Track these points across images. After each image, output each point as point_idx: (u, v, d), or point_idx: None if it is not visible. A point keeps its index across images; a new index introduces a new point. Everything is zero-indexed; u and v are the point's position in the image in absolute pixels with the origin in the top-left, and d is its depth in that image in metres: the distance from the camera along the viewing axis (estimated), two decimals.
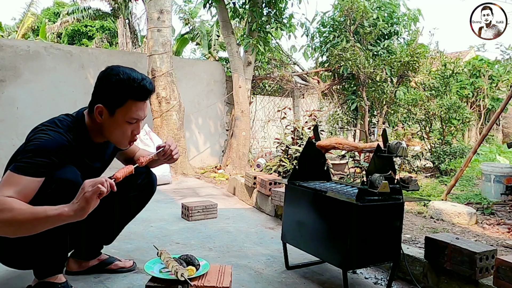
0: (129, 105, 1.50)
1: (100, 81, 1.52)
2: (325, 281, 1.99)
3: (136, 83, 1.49)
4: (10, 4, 55.33)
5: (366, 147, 1.88)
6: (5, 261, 1.58)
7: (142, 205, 1.93)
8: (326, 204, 1.84)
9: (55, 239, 1.50)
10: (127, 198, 1.82)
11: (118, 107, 1.50)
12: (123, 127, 1.53)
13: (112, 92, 1.49)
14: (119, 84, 1.48)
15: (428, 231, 2.87)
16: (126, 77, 1.48)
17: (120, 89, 1.48)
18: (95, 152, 1.65)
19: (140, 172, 1.82)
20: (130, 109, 1.51)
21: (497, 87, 9.78)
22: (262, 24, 6.20)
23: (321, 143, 2.09)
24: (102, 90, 1.51)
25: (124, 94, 1.49)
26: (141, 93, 1.51)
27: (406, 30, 7.47)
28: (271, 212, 3.34)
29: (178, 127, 5.56)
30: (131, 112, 1.51)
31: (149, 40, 5.54)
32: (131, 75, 1.50)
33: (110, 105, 1.50)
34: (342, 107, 7.47)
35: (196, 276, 1.54)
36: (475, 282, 1.70)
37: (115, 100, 1.49)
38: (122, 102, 1.49)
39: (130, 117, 1.52)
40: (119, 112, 1.50)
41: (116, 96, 1.49)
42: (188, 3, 14.00)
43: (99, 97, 1.51)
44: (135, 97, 1.50)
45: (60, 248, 1.55)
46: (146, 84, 1.52)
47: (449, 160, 5.66)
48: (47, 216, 1.27)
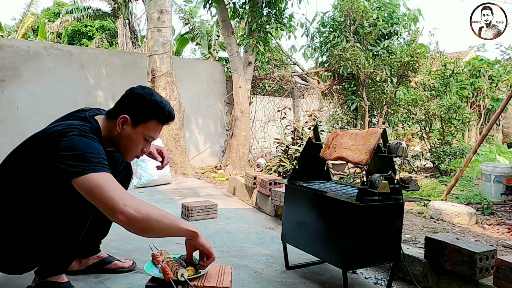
0: (152, 124, 1.61)
1: (133, 95, 1.61)
2: (325, 281, 1.99)
3: (166, 108, 1.63)
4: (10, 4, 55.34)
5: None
6: (5, 265, 1.54)
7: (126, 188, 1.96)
8: (326, 204, 1.84)
9: (70, 239, 1.52)
10: None
11: (142, 123, 1.60)
12: (139, 141, 1.63)
13: (142, 108, 1.59)
14: (152, 103, 1.60)
15: (428, 231, 2.87)
16: (159, 100, 1.62)
17: (151, 108, 1.60)
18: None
19: (116, 159, 1.87)
20: (151, 128, 1.62)
21: (497, 87, 9.77)
22: (262, 24, 6.20)
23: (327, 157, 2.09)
24: (133, 103, 1.60)
25: (152, 113, 1.60)
26: (166, 118, 1.64)
27: (406, 30, 7.47)
28: (271, 212, 3.34)
29: (178, 127, 5.56)
30: (151, 130, 1.63)
31: (149, 40, 5.54)
32: (162, 100, 1.64)
33: (135, 118, 1.58)
34: (342, 107, 7.47)
35: (196, 276, 1.54)
36: (475, 282, 1.70)
37: (142, 116, 1.59)
38: (148, 119, 1.60)
39: (148, 135, 1.63)
40: (141, 127, 1.60)
41: (145, 112, 1.59)
42: (188, 3, 13.98)
43: (127, 108, 1.59)
44: (160, 119, 1.63)
45: (72, 247, 1.56)
46: (172, 113, 1.67)
47: (449, 160, 5.66)
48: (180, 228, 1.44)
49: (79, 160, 1.33)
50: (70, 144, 1.37)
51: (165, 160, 1.97)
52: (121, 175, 1.89)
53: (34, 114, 5.24)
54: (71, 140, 1.38)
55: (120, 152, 1.67)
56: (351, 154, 1.89)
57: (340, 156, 1.97)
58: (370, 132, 1.87)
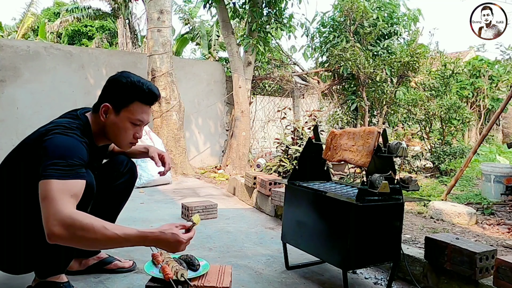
0: (135, 106, 1.55)
1: (110, 82, 1.57)
2: (325, 281, 1.99)
3: (145, 86, 1.56)
4: (10, 4, 55.35)
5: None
6: (5, 265, 1.56)
7: (129, 192, 1.96)
8: (326, 204, 1.84)
9: None
10: (114, 187, 1.86)
11: (124, 107, 1.54)
12: (126, 127, 1.57)
13: (120, 92, 1.54)
14: (129, 85, 1.54)
15: (428, 231, 2.87)
16: (136, 80, 1.55)
17: (129, 89, 1.54)
18: (95, 154, 1.66)
19: (121, 161, 1.88)
20: (135, 111, 1.55)
21: (497, 87, 9.77)
22: (262, 24, 6.20)
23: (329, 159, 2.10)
24: (111, 89, 1.56)
25: (131, 95, 1.54)
26: (148, 97, 1.57)
27: (406, 30, 7.46)
28: (271, 212, 3.34)
29: (178, 127, 5.56)
30: (136, 113, 1.56)
31: (149, 40, 5.54)
32: (140, 79, 1.57)
33: (116, 104, 1.54)
34: (342, 107, 7.47)
35: (196, 276, 1.54)
36: (475, 282, 1.70)
37: (122, 100, 1.54)
38: (129, 102, 1.54)
39: (134, 118, 1.56)
40: (124, 112, 1.54)
41: (124, 96, 1.54)
42: (188, 3, 14.00)
43: (107, 96, 1.55)
44: (141, 99, 1.56)
45: (69, 247, 1.54)
46: (154, 90, 1.59)
47: (449, 160, 5.66)
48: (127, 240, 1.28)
49: (50, 163, 1.31)
50: (48, 144, 1.37)
51: (166, 166, 1.93)
52: (125, 178, 1.88)
53: (34, 114, 5.24)
54: (50, 140, 1.38)
55: (113, 143, 1.65)
56: (353, 157, 1.90)
57: (343, 159, 1.98)
58: (367, 131, 1.87)
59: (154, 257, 1.63)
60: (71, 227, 1.23)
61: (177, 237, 1.33)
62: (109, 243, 1.29)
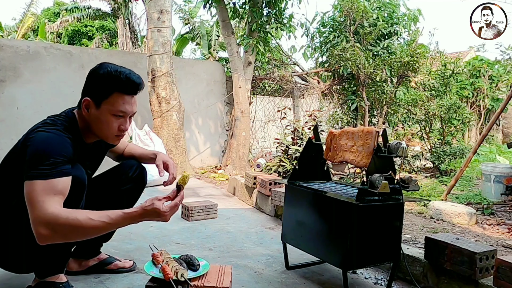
0: (115, 97, 1.48)
1: (89, 75, 1.52)
2: (325, 281, 1.99)
3: (122, 75, 1.48)
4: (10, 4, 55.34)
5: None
6: (5, 264, 1.56)
7: (136, 197, 1.94)
8: (326, 204, 1.84)
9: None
10: (121, 191, 1.83)
11: (104, 99, 1.48)
12: (109, 120, 1.51)
13: (98, 84, 1.48)
14: (106, 76, 1.47)
15: (428, 231, 2.87)
16: (113, 70, 1.49)
17: (107, 81, 1.47)
18: (86, 152, 1.63)
19: (131, 165, 1.85)
20: (116, 102, 1.49)
21: (497, 87, 9.77)
22: (262, 24, 6.20)
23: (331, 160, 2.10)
24: (90, 83, 1.51)
25: (110, 86, 1.47)
26: (128, 86, 1.50)
27: (406, 30, 7.47)
28: (271, 212, 3.34)
29: (178, 127, 5.56)
30: (117, 104, 1.49)
31: (149, 40, 5.54)
32: (118, 69, 1.50)
33: (96, 98, 1.48)
34: (342, 107, 7.47)
35: (196, 276, 1.54)
36: (475, 282, 1.70)
37: (101, 92, 1.48)
38: (108, 94, 1.48)
39: (116, 110, 1.49)
40: (105, 105, 1.49)
41: (102, 88, 1.48)
42: (188, 3, 13.98)
43: (87, 90, 1.51)
44: (121, 89, 1.49)
45: (65, 247, 1.55)
46: (133, 78, 1.51)
47: (449, 160, 5.66)
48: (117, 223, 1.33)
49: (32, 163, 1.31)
50: (31, 144, 1.37)
51: (170, 175, 1.82)
52: (133, 183, 1.85)
53: (34, 114, 5.24)
54: (32, 139, 1.38)
55: (99, 137, 1.60)
56: (354, 158, 1.91)
57: (344, 160, 1.99)
58: (365, 131, 1.88)
59: (154, 257, 1.63)
60: (56, 225, 1.25)
61: (157, 211, 1.35)
62: (99, 231, 1.32)
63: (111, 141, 1.62)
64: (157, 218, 1.37)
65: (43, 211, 1.25)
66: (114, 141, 1.62)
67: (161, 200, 1.38)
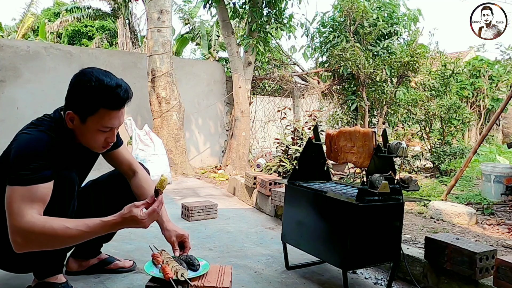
0: (101, 113, 1.39)
1: (72, 86, 1.41)
2: (325, 281, 1.99)
3: (108, 91, 1.38)
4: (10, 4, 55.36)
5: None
6: (3, 265, 1.55)
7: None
8: (326, 204, 1.84)
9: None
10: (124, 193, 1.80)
11: (90, 115, 1.39)
12: (95, 135, 1.44)
13: (83, 100, 1.38)
14: (91, 92, 1.36)
15: (428, 231, 2.87)
16: (98, 85, 1.37)
17: (92, 97, 1.37)
18: (76, 151, 1.58)
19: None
20: (102, 118, 1.40)
21: (497, 87, 9.78)
22: (262, 24, 6.21)
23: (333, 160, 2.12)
24: (73, 96, 1.41)
25: (95, 103, 1.37)
26: (115, 102, 1.39)
27: (406, 30, 7.47)
28: (271, 212, 3.34)
29: (178, 127, 5.56)
30: (103, 121, 1.41)
31: (149, 40, 5.54)
32: (103, 81, 1.38)
33: (81, 113, 1.40)
34: (342, 107, 7.47)
35: (196, 276, 1.54)
36: (475, 282, 1.70)
37: (86, 108, 1.39)
38: (94, 110, 1.38)
39: (102, 126, 1.42)
40: (91, 120, 1.40)
41: (87, 104, 1.38)
42: (188, 3, 13.98)
43: (70, 103, 1.41)
44: (108, 106, 1.39)
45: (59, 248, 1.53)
46: (120, 93, 1.40)
47: (449, 160, 5.66)
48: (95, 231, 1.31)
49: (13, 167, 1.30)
50: (14, 146, 1.36)
51: (187, 250, 1.68)
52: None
53: (34, 114, 5.16)
54: (16, 142, 1.37)
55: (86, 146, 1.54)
56: (357, 160, 1.93)
57: (347, 161, 2.00)
58: (362, 133, 1.89)
59: (154, 257, 1.63)
60: (32, 234, 1.24)
61: (135, 218, 1.33)
62: (76, 240, 1.31)
63: (97, 151, 1.58)
64: (135, 225, 1.34)
65: (19, 220, 1.24)
66: (100, 151, 1.58)
67: (139, 207, 1.35)
